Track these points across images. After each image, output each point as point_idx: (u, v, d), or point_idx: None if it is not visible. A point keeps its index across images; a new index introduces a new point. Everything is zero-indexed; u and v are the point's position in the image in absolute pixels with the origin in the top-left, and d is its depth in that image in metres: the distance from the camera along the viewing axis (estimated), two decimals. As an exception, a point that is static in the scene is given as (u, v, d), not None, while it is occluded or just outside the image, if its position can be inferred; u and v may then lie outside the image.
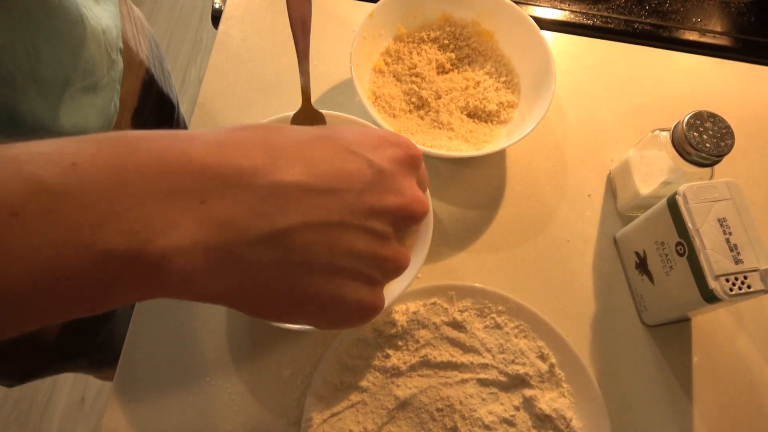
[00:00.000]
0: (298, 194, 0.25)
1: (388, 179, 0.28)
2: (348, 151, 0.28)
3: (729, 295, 0.43)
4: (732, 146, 0.47)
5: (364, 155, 0.28)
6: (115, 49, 0.49)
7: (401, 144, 0.30)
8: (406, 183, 0.29)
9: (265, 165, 0.25)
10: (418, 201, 0.29)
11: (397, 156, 0.29)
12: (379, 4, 0.57)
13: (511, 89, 0.59)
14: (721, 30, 0.70)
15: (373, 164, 0.28)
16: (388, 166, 0.28)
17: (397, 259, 0.29)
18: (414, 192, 0.29)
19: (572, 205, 0.58)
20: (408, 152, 0.30)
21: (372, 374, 0.48)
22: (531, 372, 0.48)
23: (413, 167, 0.30)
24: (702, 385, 0.51)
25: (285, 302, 0.27)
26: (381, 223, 0.28)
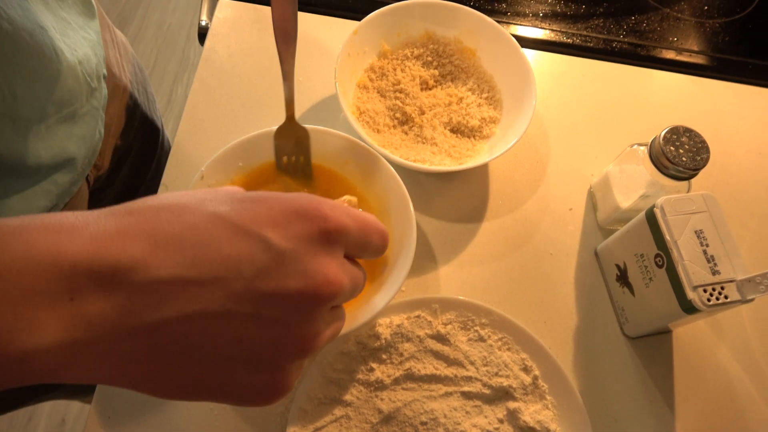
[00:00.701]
0: (175, 288, 0.24)
1: (288, 261, 0.26)
2: (243, 233, 0.26)
3: (707, 306, 0.44)
4: (707, 160, 0.48)
5: (262, 236, 0.26)
6: (95, 77, 0.49)
7: (314, 217, 0.27)
8: (314, 264, 0.26)
9: (143, 259, 0.24)
10: (328, 283, 0.27)
11: (306, 232, 0.27)
12: (363, 22, 0.58)
13: (493, 105, 0.60)
14: (697, 49, 0.72)
15: (270, 246, 0.26)
16: (290, 245, 0.26)
17: (302, 344, 0.27)
18: (326, 273, 0.27)
19: (554, 219, 0.59)
20: (322, 226, 0.27)
21: (356, 388, 0.48)
22: (515, 384, 0.49)
23: (330, 242, 0.28)
24: (684, 396, 0.52)
25: (176, 389, 0.26)
26: (279, 309, 0.26)
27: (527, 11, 0.72)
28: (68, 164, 0.47)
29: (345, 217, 0.29)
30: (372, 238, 0.31)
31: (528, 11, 0.72)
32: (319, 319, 0.27)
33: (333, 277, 0.27)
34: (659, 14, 0.74)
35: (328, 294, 0.27)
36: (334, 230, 0.28)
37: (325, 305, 0.27)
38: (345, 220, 0.28)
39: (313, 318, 0.27)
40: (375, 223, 0.31)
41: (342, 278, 0.28)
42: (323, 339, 0.28)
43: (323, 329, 0.28)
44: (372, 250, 0.31)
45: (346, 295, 0.29)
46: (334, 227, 0.28)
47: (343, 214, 0.29)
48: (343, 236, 0.28)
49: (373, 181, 0.51)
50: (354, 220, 0.29)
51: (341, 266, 0.28)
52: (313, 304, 0.26)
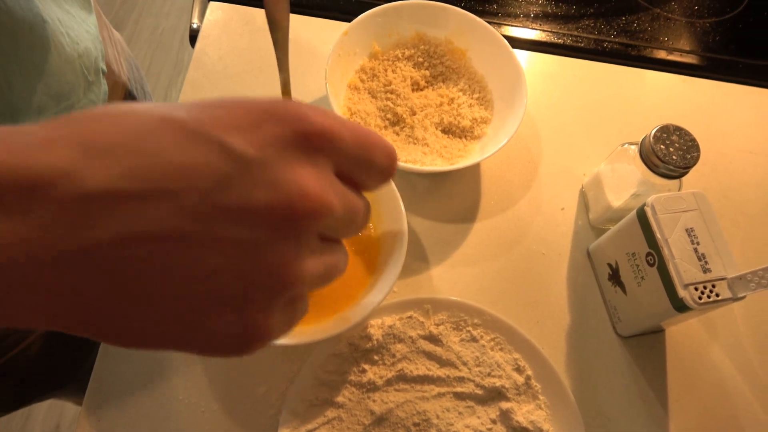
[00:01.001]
0: (110, 204, 0.19)
1: (256, 170, 0.21)
2: (198, 138, 0.21)
3: (698, 304, 0.43)
4: (698, 158, 0.48)
5: (222, 141, 0.21)
6: (93, 71, 0.49)
7: (289, 117, 0.22)
8: (289, 173, 0.21)
9: (71, 169, 0.19)
10: (305, 196, 0.21)
11: (279, 136, 0.22)
12: (354, 23, 0.58)
13: (485, 105, 0.60)
14: (687, 48, 0.72)
15: (232, 152, 0.21)
16: (257, 152, 0.21)
17: (277, 274, 0.22)
18: (303, 184, 0.21)
19: (546, 219, 0.59)
20: (299, 128, 0.22)
21: (348, 389, 0.47)
22: (507, 385, 0.48)
23: (312, 150, 0.22)
24: (677, 395, 0.52)
25: (125, 332, 0.21)
26: (244, 227, 0.21)
27: (518, 12, 0.72)
28: None
29: (334, 122, 0.23)
30: (374, 153, 0.25)
31: (519, 12, 0.72)
32: (300, 243, 0.22)
33: (313, 191, 0.22)
34: (650, 14, 0.74)
35: (306, 210, 0.21)
36: (315, 134, 0.22)
37: (305, 226, 0.22)
38: (333, 124, 0.23)
39: (289, 240, 0.22)
40: (377, 136, 0.25)
41: (326, 194, 0.22)
42: (307, 270, 0.23)
43: (306, 257, 0.22)
44: (376, 170, 0.25)
45: (336, 221, 0.23)
46: (317, 130, 0.22)
47: (334, 119, 0.23)
48: (331, 144, 0.23)
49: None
50: (348, 128, 0.24)
51: (327, 180, 0.23)
52: (288, 222, 0.21)
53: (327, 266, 0.24)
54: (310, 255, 0.23)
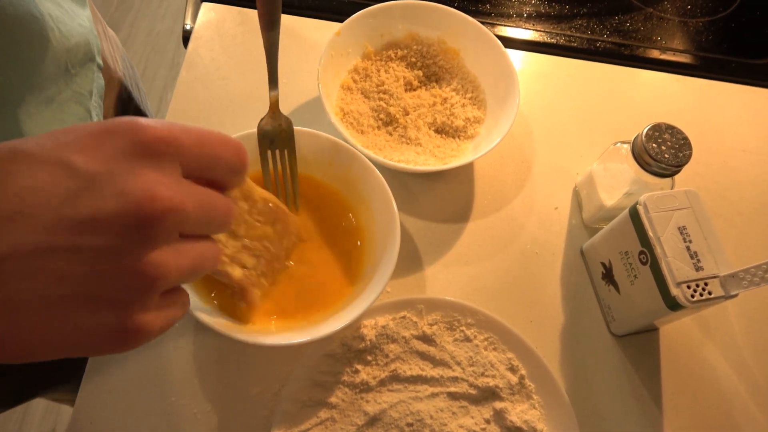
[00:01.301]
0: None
1: (103, 182, 0.23)
2: (43, 162, 0.23)
3: (691, 302, 0.43)
4: (690, 156, 0.48)
5: (66, 161, 0.23)
6: (79, 64, 0.49)
7: (126, 130, 0.24)
8: (134, 180, 0.23)
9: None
10: (152, 199, 0.23)
11: (120, 149, 0.24)
12: (346, 23, 0.58)
13: (478, 105, 0.60)
14: (680, 48, 0.72)
15: (76, 170, 0.23)
16: (101, 166, 0.23)
17: (141, 275, 0.23)
18: (150, 188, 0.23)
19: (540, 218, 0.58)
20: (136, 138, 0.24)
21: (341, 390, 0.47)
22: (501, 384, 0.48)
23: (154, 156, 0.24)
24: (671, 394, 0.52)
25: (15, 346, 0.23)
26: (99, 236, 0.23)
27: (511, 12, 0.72)
28: None
29: (171, 128, 0.25)
30: (217, 151, 0.27)
31: (512, 12, 0.72)
32: (157, 242, 0.24)
33: (159, 193, 0.23)
34: (642, 14, 0.74)
35: (156, 212, 0.23)
36: (153, 140, 0.24)
37: (159, 226, 0.23)
38: (170, 129, 0.25)
39: (145, 242, 0.23)
40: (219, 134, 0.27)
41: (173, 193, 0.24)
42: (170, 266, 0.24)
43: (166, 255, 0.24)
44: (223, 167, 0.28)
45: (191, 218, 0.25)
46: (154, 137, 0.24)
47: (170, 126, 0.25)
48: (170, 147, 0.25)
49: (356, 182, 0.51)
50: (186, 132, 0.25)
51: (175, 182, 0.25)
52: (141, 225, 0.23)
53: (192, 260, 0.26)
54: (171, 252, 0.25)
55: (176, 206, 0.24)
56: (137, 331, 0.24)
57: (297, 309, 0.47)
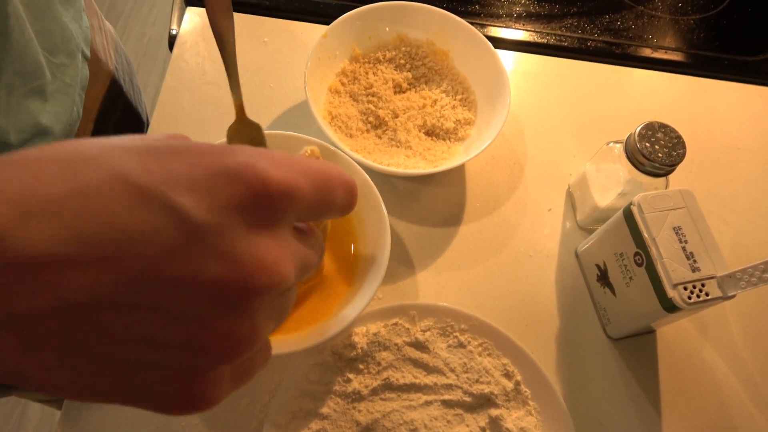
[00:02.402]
0: (49, 270, 0.18)
1: (209, 238, 0.19)
2: (149, 199, 0.19)
3: (688, 304, 0.43)
4: (684, 155, 0.47)
5: (175, 203, 0.19)
6: (64, 54, 0.48)
7: (249, 178, 0.20)
8: (245, 243, 0.20)
9: (7, 230, 0.17)
10: (262, 271, 0.20)
11: (237, 200, 0.20)
12: (333, 25, 0.57)
13: (468, 106, 0.59)
14: (672, 46, 0.72)
15: (184, 217, 0.19)
16: (211, 217, 0.19)
17: (228, 346, 0.21)
18: (261, 256, 0.20)
19: (533, 221, 0.58)
20: (259, 191, 0.20)
21: (332, 400, 0.46)
22: (496, 391, 0.47)
23: (271, 213, 0.21)
24: (669, 397, 0.51)
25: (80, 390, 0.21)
26: (192, 302, 0.19)
27: (501, 12, 0.72)
28: (43, 136, 0.46)
29: (293, 174, 0.21)
30: (334, 196, 0.24)
31: (502, 12, 0.72)
32: (254, 314, 0.21)
33: (271, 263, 0.20)
34: (633, 12, 0.74)
35: (263, 285, 0.20)
36: (277, 195, 0.21)
37: (260, 298, 0.21)
38: (293, 179, 0.21)
39: (242, 314, 0.20)
40: (337, 174, 0.24)
41: (284, 264, 0.21)
42: (260, 333, 0.22)
43: (262, 325, 0.22)
44: (336, 210, 0.25)
45: (290, 284, 0.22)
46: (278, 191, 0.21)
47: (292, 170, 0.21)
48: (292, 202, 0.21)
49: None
50: (308, 176, 0.22)
51: (285, 246, 0.22)
52: (242, 298, 0.20)
53: (278, 318, 0.24)
54: (267, 321, 0.22)
55: (284, 277, 0.21)
56: (205, 401, 0.21)
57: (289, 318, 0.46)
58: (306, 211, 0.23)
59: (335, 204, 0.24)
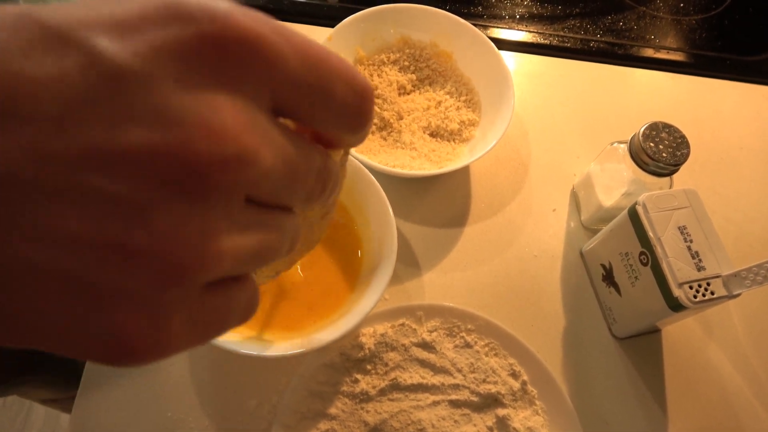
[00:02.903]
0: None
1: (135, 90, 0.14)
2: (59, 40, 0.13)
3: (693, 302, 0.43)
4: (688, 155, 0.48)
5: (91, 42, 0.13)
6: None
7: (198, 15, 0.14)
8: (187, 97, 0.14)
9: None
10: (211, 135, 0.14)
11: (179, 40, 0.14)
12: (337, 28, 0.57)
13: (472, 108, 0.59)
14: (674, 46, 0.72)
15: (98, 59, 0.13)
16: (139, 62, 0.14)
17: (182, 255, 0.14)
18: (206, 116, 0.14)
19: (538, 221, 0.58)
20: (209, 30, 0.14)
21: (341, 400, 0.46)
22: (503, 391, 0.48)
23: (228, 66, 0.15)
24: (675, 395, 0.51)
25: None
26: (124, 181, 0.14)
27: (503, 13, 0.72)
28: None
29: (270, 29, 0.15)
30: (332, 85, 0.17)
31: (504, 13, 0.72)
32: (210, 209, 0.15)
33: (224, 127, 0.14)
34: (635, 13, 0.74)
35: (214, 156, 0.14)
36: (236, 41, 0.15)
37: (219, 183, 0.14)
38: (266, 32, 0.15)
39: (193, 205, 0.14)
40: (338, 60, 0.17)
41: (246, 134, 0.15)
42: (223, 249, 0.15)
43: (221, 230, 0.15)
44: (336, 109, 0.17)
45: (269, 179, 0.16)
46: (238, 36, 0.15)
47: (269, 24, 0.15)
48: (261, 60, 0.15)
49: (351, 188, 0.50)
50: (291, 42, 0.16)
51: (250, 116, 0.15)
52: (188, 174, 0.14)
53: (259, 242, 0.17)
54: (227, 226, 0.15)
55: (247, 152, 0.15)
56: (140, 343, 0.15)
57: (295, 318, 0.46)
58: (288, 90, 0.16)
59: (333, 97, 0.17)
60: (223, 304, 0.17)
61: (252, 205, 0.16)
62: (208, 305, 0.16)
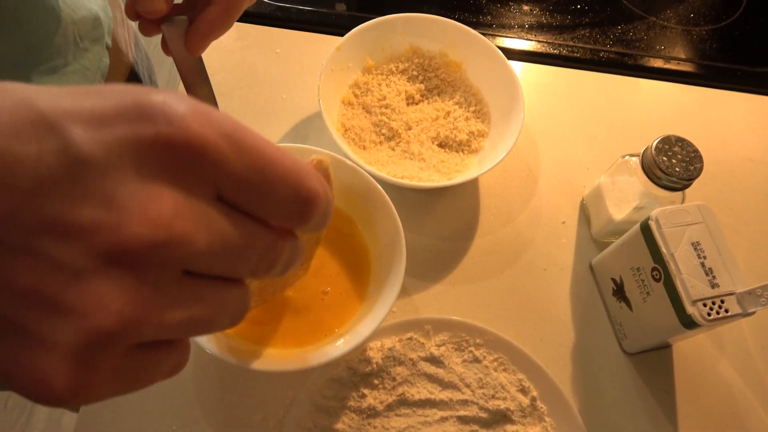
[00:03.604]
0: None
1: (92, 175, 0.16)
2: (43, 126, 0.16)
3: (707, 320, 0.42)
4: (701, 170, 0.47)
5: (66, 130, 0.16)
6: (89, 40, 0.49)
7: (158, 116, 0.17)
8: (131, 186, 0.17)
9: None
10: (144, 221, 0.17)
11: (137, 137, 0.17)
12: (347, 38, 0.57)
13: (481, 118, 0.59)
14: (684, 57, 0.71)
15: (69, 146, 0.16)
16: (100, 152, 0.17)
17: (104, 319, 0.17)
18: (144, 204, 0.17)
19: (547, 233, 0.57)
20: (163, 132, 0.17)
21: (347, 416, 0.46)
22: (512, 407, 0.47)
23: (176, 164, 0.17)
24: (687, 412, 0.50)
25: None
26: (68, 249, 0.16)
27: (513, 23, 0.72)
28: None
29: (214, 133, 0.18)
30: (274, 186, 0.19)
31: (513, 23, 0.72)
32: (141, 281, 0.17)
33: (158, 214, 0.17)
34: (645, 23, 0.74)
35: (144, 239, 0.17)
36: (182, 145, 0.17)
37: (147, 259, 0.17)
38: (212, 138, 0.18)
39: (121, 274, 0.17)
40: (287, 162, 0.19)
41: (180, 223, 0.17)
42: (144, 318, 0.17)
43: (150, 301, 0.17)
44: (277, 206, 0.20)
45: (206, 256, 0.18)
46: (185, 140, 0.17)
47: (214, 127, 0.18)
48: (205, 162, 0.18)
49: (359, 200, 0.49)
50: (236, 146, 0.18)
51: (191, 208, 0.18)
52: (119, 252, 0.16)
53: (189, 317, 0.19)
54: (156, 298, 0.18)
55: (181, 238, 0.17)
56: (66, 386, 0.17)
57: (302, 332, 0.46)
58: (231, 184, 0.18)
59: (274, 197, 0.19)
60: (149, 364, 0.19)
61: (192, 277, 0.19)
62: (134, 363, 0.18)
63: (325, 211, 0.21)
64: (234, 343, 0.43)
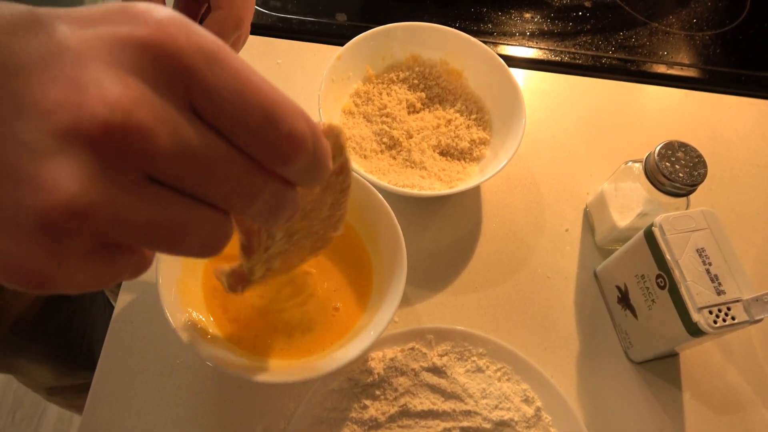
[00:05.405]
0: None
1: (65, 62, 0.18)
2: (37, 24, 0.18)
3: (714, 328, 0.41)
4: (705, 175, 0.47)
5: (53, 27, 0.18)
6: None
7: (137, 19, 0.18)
8: (100, 73, 0.17)
9: None
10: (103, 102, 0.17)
11: (111, 35, 0.18)
12: (347, 47, 0.57)
13: (483, 126, 0.58)
14: (687, 62, 0.71)
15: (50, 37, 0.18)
16: (78, 44, 0.18)
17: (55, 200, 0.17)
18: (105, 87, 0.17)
19: (551, 241, 0.57)
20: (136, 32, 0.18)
21: (349, 427, 0.45)
22: (516, 417, 0.46)
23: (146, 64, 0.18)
24: (694, 421, 0.49)
25: None
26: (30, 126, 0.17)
27: (514, 30, 0.71)
28: None
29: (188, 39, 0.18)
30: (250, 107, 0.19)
31: (515, 30, 0.71)
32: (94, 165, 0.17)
33: (118, 98, 0.17)
34: (648, 29, 0.73)
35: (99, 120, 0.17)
36: (154, 44, 0.18)
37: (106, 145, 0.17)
38: (182, 41, 0.18)
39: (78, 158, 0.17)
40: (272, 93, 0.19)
41: (141, 110, 0.17)
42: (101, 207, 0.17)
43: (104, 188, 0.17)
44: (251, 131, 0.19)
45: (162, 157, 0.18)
46: (160, 41, 0.18)
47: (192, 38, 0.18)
48: (176, 65, 0.18)
49: (360, 209, 0.49)
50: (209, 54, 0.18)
51: (154, 100, 0.18)
52: (72, 129, 0.17)
53: (147, 219, 0.18)
54: (112, 190, 0.17)
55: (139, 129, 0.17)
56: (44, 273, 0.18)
57: (303, 343, 0.45)
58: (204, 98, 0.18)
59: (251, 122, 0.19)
60: (112, 261, 0.20)
61: (160, 187, 0.19)
62: (99, 258, 0.19)
63: (313, 159, 0.20)
64: (234, 355, 0.43)
